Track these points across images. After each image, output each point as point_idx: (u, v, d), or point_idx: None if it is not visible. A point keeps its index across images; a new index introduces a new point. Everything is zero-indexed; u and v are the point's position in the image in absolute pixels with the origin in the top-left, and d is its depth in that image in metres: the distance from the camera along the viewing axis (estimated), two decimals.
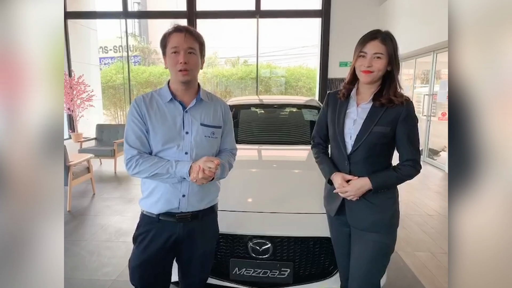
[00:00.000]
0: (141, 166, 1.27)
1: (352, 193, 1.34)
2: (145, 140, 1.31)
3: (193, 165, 1.26)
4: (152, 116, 1.30)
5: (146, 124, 1.30)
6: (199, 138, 1.33)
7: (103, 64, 12.57)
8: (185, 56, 1.26)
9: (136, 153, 1.28)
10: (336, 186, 1.40)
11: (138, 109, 1.31)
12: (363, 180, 1.34)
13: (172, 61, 1.27)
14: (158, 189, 1.33)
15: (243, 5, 8.04)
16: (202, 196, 1.37)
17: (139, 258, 1.34)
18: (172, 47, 1.26)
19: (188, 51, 1.26)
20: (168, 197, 1.32)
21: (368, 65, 1.30)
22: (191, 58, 1.28)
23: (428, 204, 3.94)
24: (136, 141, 1.30)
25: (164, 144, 1.30)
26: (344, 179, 1.37)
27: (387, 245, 1.39)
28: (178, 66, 1.26)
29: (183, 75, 1.27)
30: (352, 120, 1.39)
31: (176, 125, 1.31)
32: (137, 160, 1.27)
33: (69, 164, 3.64)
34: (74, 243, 2.88)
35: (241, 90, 10.89)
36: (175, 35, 1.27)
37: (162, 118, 1.31)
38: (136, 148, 1.29)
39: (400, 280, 2.35)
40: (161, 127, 1.30)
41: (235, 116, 3.23)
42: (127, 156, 1.29)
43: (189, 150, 1.31)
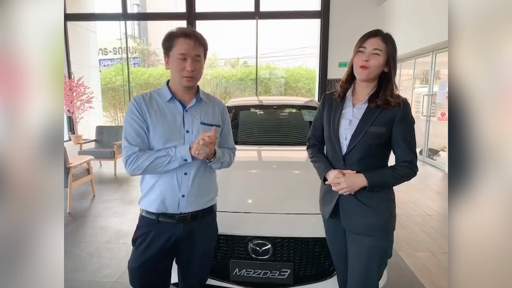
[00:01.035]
0: (140, 159, 1.26)
1: (345, 185, 1.30)
2: (146, 138, 1.30)
3: (192, 144, 1.26)
4: (152, 114, 1.30)
5: (147, 122, 1.29)
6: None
7: (102, 66, 12.59)
8: (192, 64, 1.26)
9: (136, 150, 1.27)
10: (330, 178, 1.36)
11: (138, 107, 1.30)
12: (358, 176, 1.31)
13: (178, 67, 1.26)
14: (158, 185, 1.32)
15: (242, 6, 8.06)
16: (201, 196, 1.37)
17: (138, 260, 1.34)
18: (180, 53, 1.24)
19: (194, 59, 1.27)
20: (167, 196, 1.32)
21: (365, 59, 1.28)
22: (197, 65, 1.28)
23: (428, 204, 3.94)
24: (136, 138, 1.28)
25: (164, 143, 1.29)
26: (340, 172, 1.34)
27: (383, 249, 1.36)
28: (184, 73, 1.26)
29: (188, 81, 1.28)
30: (347, 121, 1.37)
31: (176, 124, 1.31)
32: (136, 155, 1.26)
33: (69, 166, 3.64)
34: (74, 245, 2.88)
35: (241, 91, 10.91)
36: (184, 41, 1.25)
37: (162, 116, 1.30)
38: (136, 145, 1.28)
39: (400, 280, 2.35)
40: (161, 125, 1.29)
41: (235, 117, 3.23)
42: (127, 153, 1.28)
43: None
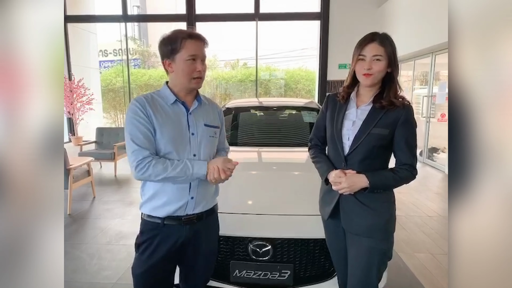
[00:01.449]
0: (154, 168, 1.20)
1: (346, 185, 1.29)
2: (153, 140, 1.26)
3: (209, 165, 1.26)
4: (158, 117, 1.26)
5: (153, 124, 1.25)
6: (205, 138, 1.33)
7: (103, 68, 12.59)
8: (203, 65, 1.28)
9: (148, 154, 1.22)
10: (331, 178, 1.35)
11: (142, 109, 1.25)
12: (360, 176, 1.30)
13: (188, 68, 1.25)
14: (163, 192, 1.29)
15: (242, 8, 8.08)
16: (209, 196, 1.38)
17: (143, 265, 1.30)
18: (191, 54, 1.23)
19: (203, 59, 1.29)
20: (176, 200, 1.29)
21: (368, 67, 1.28)
22: (204, 66, 1.30)
23: (428, 205, 3.94)
24: (145, 141, 1.23)
25: (172, 146, 1.27)
26: (342, 171, 1.33)
27: (383, 251, 1.35)
28: (195, 74, 1.26)
29: (197, 82, 1.29)
30: (351, 122, 1.37)
31: (182, 127, 1.30)
32: (150, 162, 1.21)
33: (69, 168, 3.64)
34: (74, 246, 2.88)
35: (241, 93, 10.91)
36: (193, 43, 1.24)
37: (168, 119, 1.28)
38: (147, 149, 1.22)
39: (400, 280, 2.35)
40: (168, 128, 1.27)
41: (235, 118, 3.24)
42: (138, 158, 1.21)
43: (197, 152, 1.31)
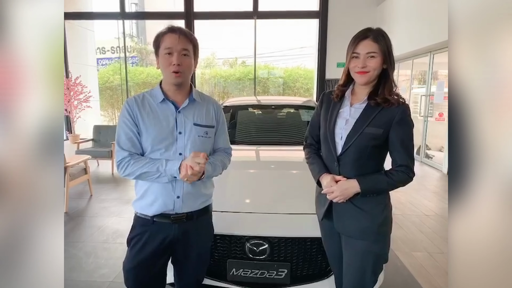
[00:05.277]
0: (132, 167, 1.26)
1: (338, 193, 1.27)
2: (136, 141, 1.30)
3: (182, 163, 1.25)
4: (145, 117, 1.29)
5: (138, 126, 1.29)
6: (193, 138, 1.32)
7: (100, 65, 12.53)
8: (179, 58, 1.25)
9: (127, 155, 1.28)
10: (323, 186, 1.33)
11: (130, 110, 1.29)
12: (351, 182, 1.27)
13: (165, 62, 1.26)
14: (151, 190, 1.32)
15: (240, 6, 8.05)
16: (196, 196, 1.36)
17: (133, 260, 1.33)
18: (166, 48, 1.25)
19: (182, 53, 1.26)
20: (162, 198, 1.31)
21: (362, 65, 1.24)
22: (185, 60, 1.27)
23: (425, 204, 3.95)
24: (127, 142, 1.29)
25: (157, 145, 1.29)
26: (333, 179, 1.31)
27: (376, 253, 1.33)
28: (171, 68, 1.25)
29: (176, 77, 1.27)
30: (344, 120, 1.34)
31: (169, 126, 1.30)
32: (128, 161, 1.27)
33: (66, 166, 3.63)
34: (71, 244, 2.87)
35: (239, 91, 10.90)
36: (169, 36, 1.26)
37: (155, 119, 1.30)
38: (126, 150, 1.28)
39: (397, 280, 2.35)
40: (153, 128, 1.29)
41: (233, 116, 3.23)
42: (118, 158, 1.29)
43: (183, 151, 1.31)
